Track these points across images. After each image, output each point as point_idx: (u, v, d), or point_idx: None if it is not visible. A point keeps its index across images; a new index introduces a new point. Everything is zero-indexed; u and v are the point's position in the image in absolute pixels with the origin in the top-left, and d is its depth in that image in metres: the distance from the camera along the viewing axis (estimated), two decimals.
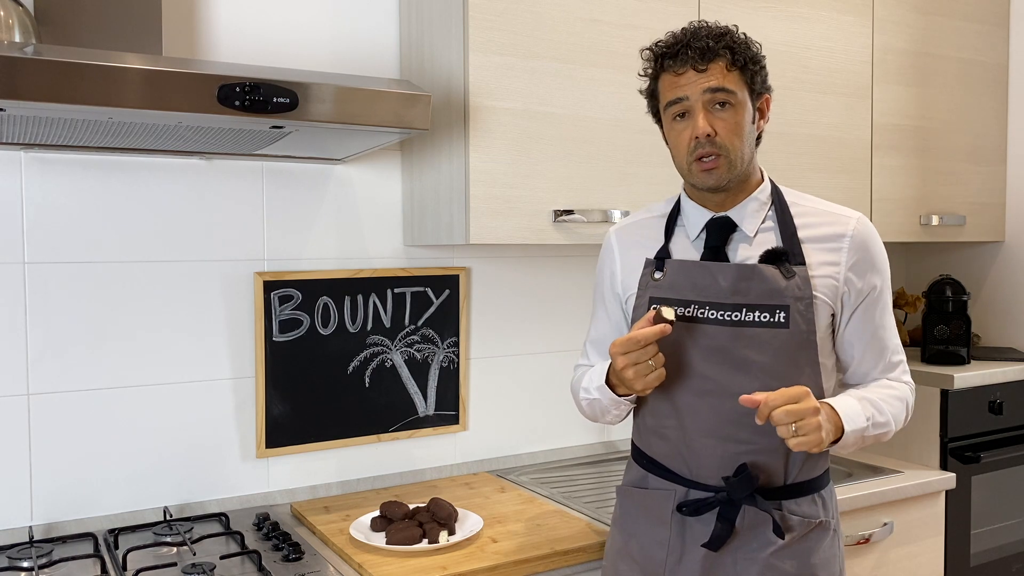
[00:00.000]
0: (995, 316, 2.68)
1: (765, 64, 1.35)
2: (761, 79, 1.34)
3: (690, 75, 1.30)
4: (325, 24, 1.91)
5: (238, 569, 1.49)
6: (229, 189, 1.82)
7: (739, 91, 1.30)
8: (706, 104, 1.30)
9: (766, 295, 1.31)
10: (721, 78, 1.29)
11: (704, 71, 1.29)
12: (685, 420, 1.36)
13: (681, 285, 1.36)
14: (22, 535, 1.65)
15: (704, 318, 1.33)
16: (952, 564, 2.18)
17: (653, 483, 1.42)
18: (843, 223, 1.37)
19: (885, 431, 1.35)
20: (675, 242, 1.42)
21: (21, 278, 1.64)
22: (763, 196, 1.38)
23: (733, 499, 1.32)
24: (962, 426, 2.21)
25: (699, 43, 1.29)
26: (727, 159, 1.31)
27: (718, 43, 1.29)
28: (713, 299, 1.33)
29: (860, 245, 1.35)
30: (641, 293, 1.41)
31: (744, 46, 1.31)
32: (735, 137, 1.31)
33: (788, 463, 1.35)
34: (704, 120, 1.29)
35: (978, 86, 2.56)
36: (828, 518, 1.38)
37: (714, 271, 1.34)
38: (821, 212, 1.39)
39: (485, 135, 1.74)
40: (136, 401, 1.75)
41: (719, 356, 1.32)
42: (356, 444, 1.97)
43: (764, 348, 1.30)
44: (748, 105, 1.32)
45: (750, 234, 1.36)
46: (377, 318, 1.98)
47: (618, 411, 1.43)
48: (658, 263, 1.40)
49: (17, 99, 1.20)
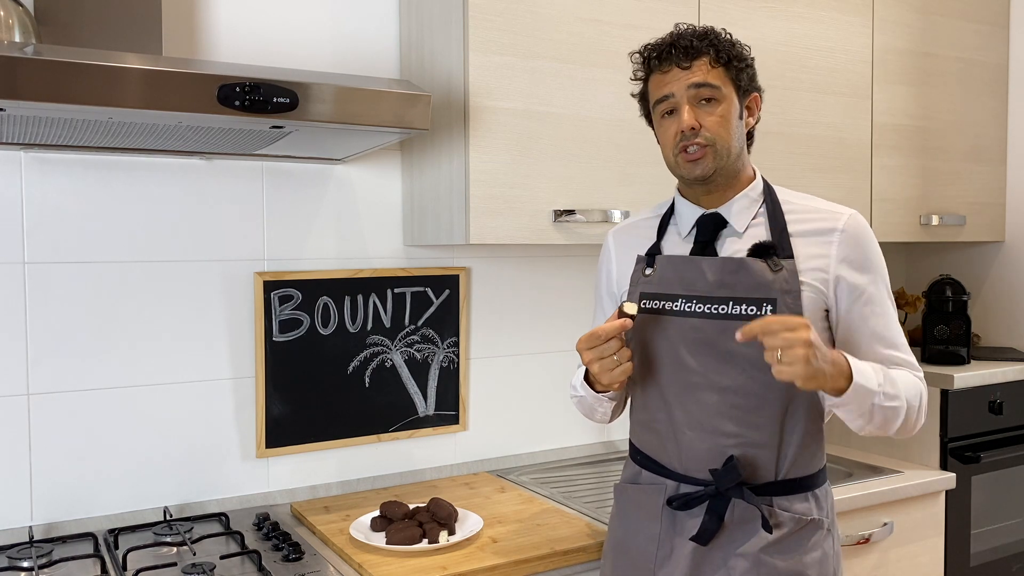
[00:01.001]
0: (995, 316, 2.68)
1: (752, 63, 1.38)
2: (748, 77, 1.37)
3: (675, 72, 1.34)
4: (325, 24, 1.91)
5: (238, 569, 1.49)
6: (229, 189, 1.82)
7: (723, 86, 1.33)
8: (691, 99, 1.33)
9: (753, 288, 1.31)
10: (704, 74, 1.32)
11: (688, 68, 1.33)
12: (674, 413, 1.37)
13: (669, 280, 1.38)
14: (22, 535, 1.65)
15: (691, 311, 1.34)
16: (952, 564, 2.18)
17: (646, 479, 1.43)
18: (835, 218, 1.37)
19: (895, 406, 1.29)
20: (667, 239, 1.45)
21: (21, 278, 1.64)
22: (754, 193, 1.40)
23: (720, 490, 1.32)
24: (962, 426, 2.21)
25: (683, 42, 1.34)
26: (713, 149, 1.33)
27: (702, 41, 1.33)
28: (700, 292, 1.34)
29: (851, 239, 1.35)
30: (632, 289, 1.43)
31: (728, 44, 1.35)
32: (721, 129, 1.33)
33: (779, 458, 1.34)
34: (689, 114, 1.32)
35: (978, 86, 2.56)
36: (822, 517, 1.37)
37: (701, 265, 1.35)
38: (813, 209, 1.39)
39: (485, 135, 1.74)
40: (136, 401, 1.75)
41: (706, 349, 1.33)
42: (356, 444, 1.97)
43: (751, 341, 1.30)
44: (734, 100, 1.35)
45: (740, 230, 1.38)
46: (377, 318, 1.98)
47: (602, 408, 1.47)
48: (648, 259, 1.42)
49: (17, 99, 1.20)
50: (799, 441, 1.35)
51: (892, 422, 1.31)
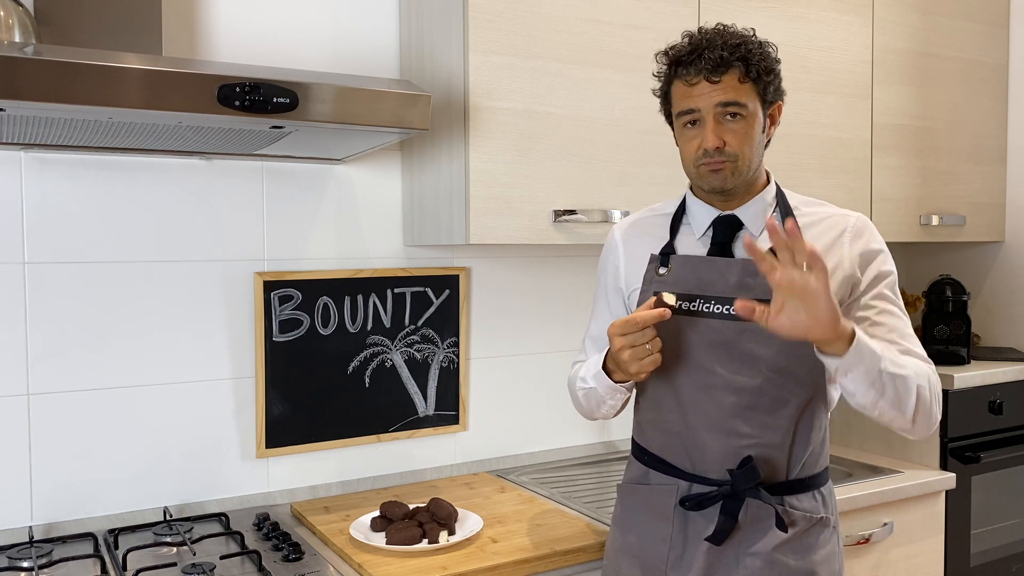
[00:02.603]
0: (995, 316, 2.68)
1: (780, 71, 1.34)
2: (774, 88, 1.34)
3: (703, 87, 1.30)
4: (325, 24, 1.91)
5: (238, 569, 1.49)
6: (229, 189, 1.82)
7: (751, 103, 1.31)
8: (717, 116, 1.30)
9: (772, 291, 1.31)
10: (734, 92, 1.29)
11: (717, 83, 1.29)
12: (689, 414, 1.36)
13: (686, 280, 1.37)
14: (22, 535, 1.65)
15: (709, 312, 1.34)
16: (952, 564, 2.18)
17: (655, 479, 1.42)
18: (843, 220, 1.39)
19: (905, 375, 1.24)
20: (680, 239, 1.44)
21: (21, 278, 1.64)
22: (768, 197, 1.40)
23: (737, 492, 1.32)
24: (962, 426, 2.21)
25: (713, 53, 1.28)
26: (734, 164, 1.32)
27: (732, 54, 1.28)
28: (718, 294, 1.34)
29: (858, 237, 1.37)
30: (645, 288, 1.41)
31: (760, 56, 1.30)
32: (744, 146, 1.32)
33: (791, 458, 1.35)
34: (713, 133, 1.30)
35: (978, 86, 2.56)
36: (828, 515, 1.39)
37: (720, 266, 1.35)
38: (823, 215, 1.40)
39: (485, 135, 1.74)
40: (136, 401, 1.75)
41: (723, 350, 1.33)
42: (356, 444, 1.97)
43: (769, 343, 1.31)
44: (759, 115, 1.33)
45: (755, 233, 1.38)
46: (377, 318, 1.98)
47: (613, 401, 1.42)
48: (663, 259, 1.41)
49: (17, 99, 1.20)
50: (811, 441, 1.35)
51: (905, 398, 1.24)
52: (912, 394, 1.25)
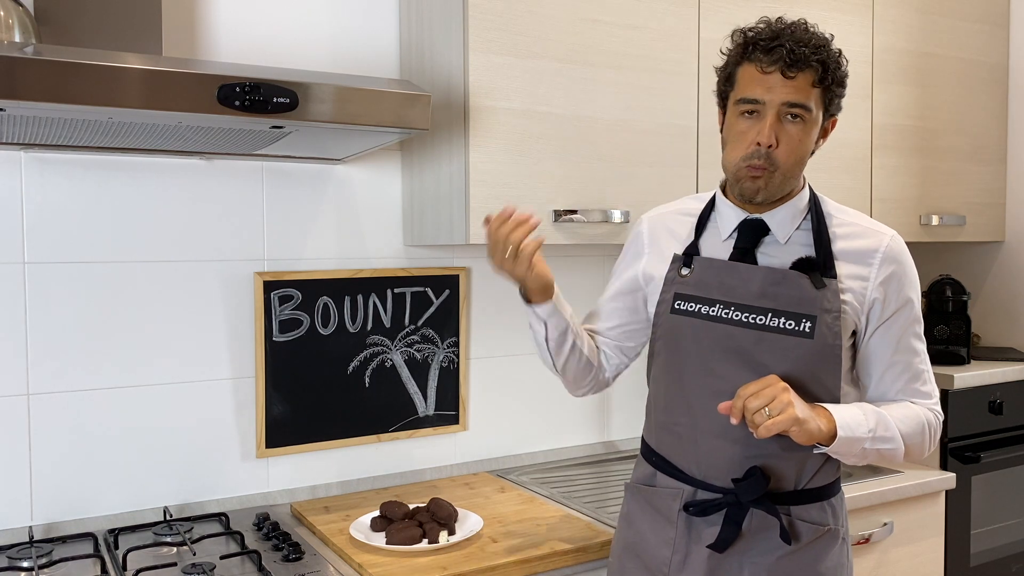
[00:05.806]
0: (995, 316, 2.68)
1: (847, 85, 1.31)
2: (838, 101, 1.31)
3: (775, 78, 1.25)
4: (325, 24, 1.91)
5: (238, 569, 1.49)
6: (229, 189, 1.82)
7: (816, 109, 1.27)
8: (780, 113, 1.26)
9: (795, 303, 1.29)
10: (805, 94, 1.25)
11: (792, 79, 1.24)
12: (698, 419, 1.35)
13: (708, 283, 1.35)
14: (22, 535, 1.65)
15: (727, 318, 1.31)
16: (952, 564, 2.18)
17: (661, 481, 1.41)
18: (877, 238, 1.34)
19: (891, 448, 1.30)
20: (705, 239, 1.40)
21: (21, 278, 1.64)
22: (801, 203, 1.35)
23: (741, 501, 1.30)
24: (962, 426, 2.22)
25: (797, 48, 1.23)
26: (772, 176, 1.29)
27: (814, 54, 1.24)
28: (740, 300, 1.31)
29: (891, 260, 1.32)
30: (667, 288, 1.39)
31: (836, 64, 1.27)
32: (793, 154, 1.28)
33: (800, 469, 1.33)
34: (771, 130, 1.25)
35: (978, 86, 2.56)
36: (837, 526, 1.36)
37: (743, 273, 1.32)
38: (857, 226, 1.35)
39: (485, 135, 1.74)
40: (136, 401, 1.75)
41: (738, 358, 1.31)
42: (356, 444, 1.97)
43: (785, 356, 1.28)
44: (819, 124, 1.30)
45: (782, 240, 1.34)
46: (377, 318, 1.98)
47: (535, 330, 1.44)
48: (686, 259, 1.38)
49: (17, 99, 1.20)
50: (821, 455, 1.34)
51: (891, 456, 1.32)
52: (899, 453, 1.33)
